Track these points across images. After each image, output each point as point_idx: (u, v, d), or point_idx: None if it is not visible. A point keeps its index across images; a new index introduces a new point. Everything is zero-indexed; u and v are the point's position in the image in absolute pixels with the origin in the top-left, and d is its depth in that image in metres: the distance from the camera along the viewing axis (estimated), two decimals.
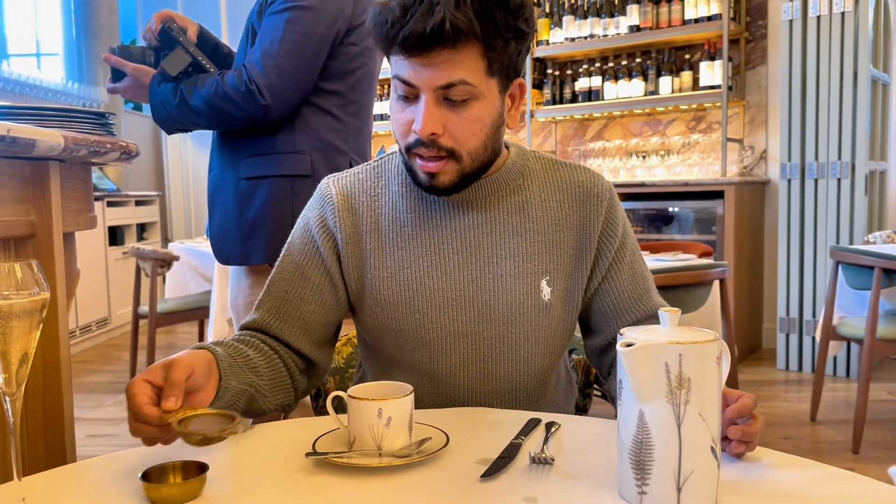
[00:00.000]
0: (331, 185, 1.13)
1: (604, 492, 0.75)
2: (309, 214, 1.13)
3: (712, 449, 0.70)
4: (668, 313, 0.72)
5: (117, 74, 1.77)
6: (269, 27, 1.65)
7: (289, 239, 1.13)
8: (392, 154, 1.16)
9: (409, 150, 1.01)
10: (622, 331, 0.73)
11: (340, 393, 0.88)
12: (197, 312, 4.02)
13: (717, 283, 2.63)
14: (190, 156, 6.78)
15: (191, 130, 1.80)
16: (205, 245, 4.28)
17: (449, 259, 1.07)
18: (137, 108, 7.10)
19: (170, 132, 1.82)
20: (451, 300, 1.07)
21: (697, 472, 0.69)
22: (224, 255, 1.82)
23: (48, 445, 1.05)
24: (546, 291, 1.06)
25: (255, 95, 1.62)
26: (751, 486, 0.76)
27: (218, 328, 3.58)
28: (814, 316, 3.88)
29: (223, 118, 1.68)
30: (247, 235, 1.76)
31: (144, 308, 3.94)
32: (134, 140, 1.56)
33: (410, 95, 0.98)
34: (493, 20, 0.93)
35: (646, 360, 0.68)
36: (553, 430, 0.93)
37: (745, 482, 0.76)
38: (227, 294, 3.63)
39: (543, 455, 0.83)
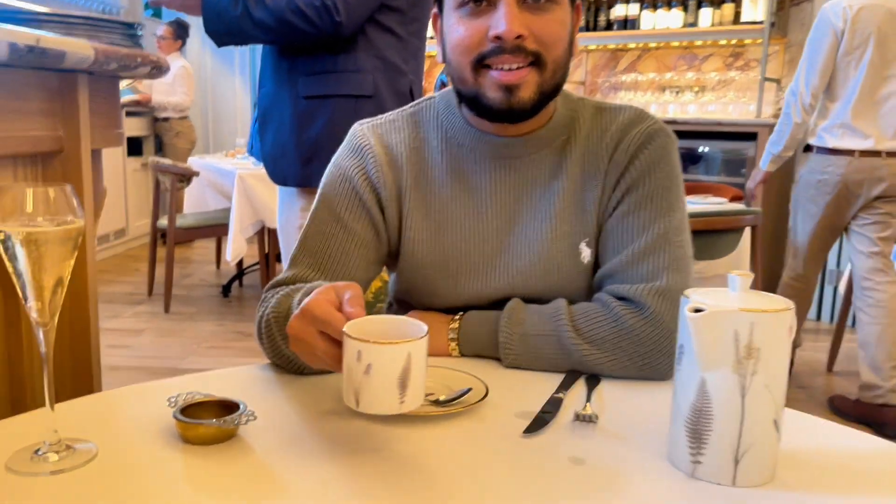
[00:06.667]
0: (367, 133, 1.05)
1: (652, 455, 0.72)
2: (346, 164, 1.03)
3: (775, 422, 0.67)
4: (739, 277, 0.68)
5: None
6: None
7: (321, 190, 1.04)
8: (430, 101, 1.08)
9: (480, 63, 0.93)
10: (687, 293, 0.69)
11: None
12: (216, 229, 4.01)
13: (747, 230, 2.57)
14: (209, 71, 6.65)
15: (247, 44, 1.74)
16: (224, 162, 4.23)
17: (487, 223, 1.01)
18: (157, 14, 6.93)
19: (221, 45, 1.74)
20: (486, 266, 1.02)
21: (757, 446, 0.66)
22: (280, 175, 1.79)
23: (74, 371, 1.03)
24: (586, 253, 1.00)
25: (331, 11, 1.57)
26: (806, 458, 0.73)
27: (237, 247, 3.57)
28: (838, 266, 3.83)
29: (291, 34, 1.61)
30: (308, 156, 1.72)
31: (163, 222, 3.93)
32: (150, 51, 1.50)
33: (483, 2, 0.91)
34: None
35: (715, 328, 0.64)
36: (594, 385, 0.90)
37: (801, 454, 0.73)
38: (246, 213, 3.61)
39: (587, 412, 0.80)
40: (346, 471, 0.68)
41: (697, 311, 0.65)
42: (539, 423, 0.78)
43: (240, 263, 4.36)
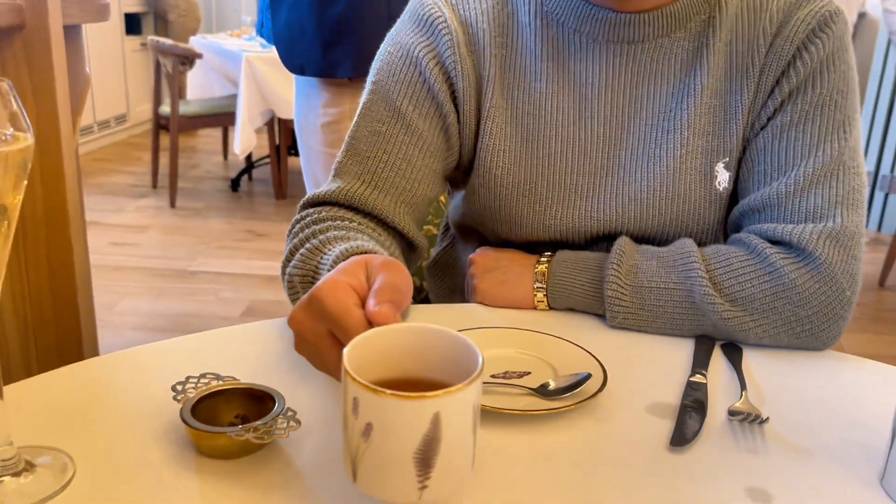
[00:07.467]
0: (438, 1, 0.78)
1: (860, 481, 0.51)
2: (410, 42, 0.77)
3: None
4: None
5: None
6: None
7: (375, 77, 0.79)
8: None
9: None
10: None
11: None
12: (222, 118, 3.74)
13: None
14: None
15: None
16: (228, 42, 3.90)
17: (593, 130, 0.77)
18: None
19: None
20: (588, 189, 0.78)
21: None
22: (297, 62, 1.50)
23: (58, 329, 0.81)
24: (723, 178, 0.76)
25: None
26: None
27: (245, 138, 3.31)
28: (892, 171, 3.56)
29: None
30: (330, 41, 1.44)
31: (165, 108, 3.64)
32: None
33: None
34: None
35: None
36: (737, 359, 0.68)
37: None
38: (255, 101, 3.33)
39: (750, 410, 0.58)
40: None
41: None
42: (687, 427, 0.56)
43: (249, 156, 4.10)
